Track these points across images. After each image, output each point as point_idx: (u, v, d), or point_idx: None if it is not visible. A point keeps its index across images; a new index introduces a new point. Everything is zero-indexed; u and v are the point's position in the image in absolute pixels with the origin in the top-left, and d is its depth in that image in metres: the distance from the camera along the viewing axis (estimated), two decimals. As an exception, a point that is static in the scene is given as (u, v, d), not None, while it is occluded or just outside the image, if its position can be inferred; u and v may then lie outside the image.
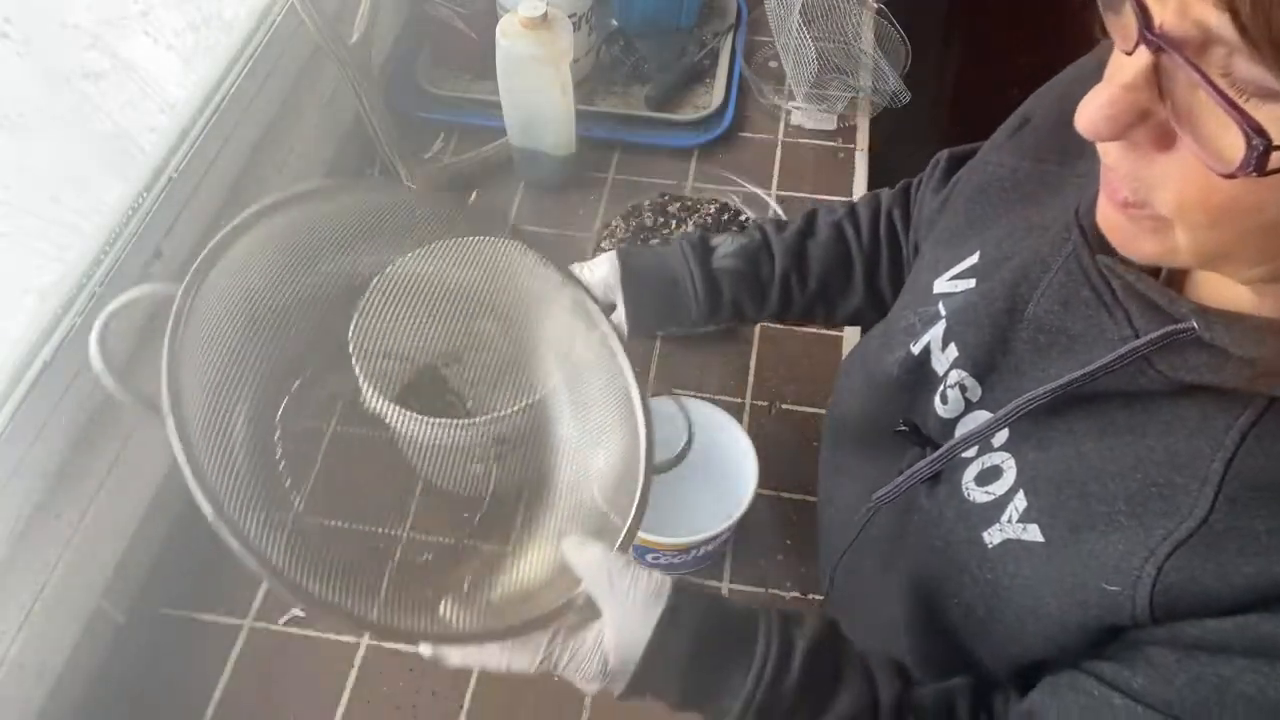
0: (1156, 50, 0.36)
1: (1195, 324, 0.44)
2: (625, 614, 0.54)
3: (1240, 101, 0.34)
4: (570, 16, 1.11)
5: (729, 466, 0.85)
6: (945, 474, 0.59)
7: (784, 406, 1.00)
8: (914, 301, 0.65)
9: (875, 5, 1.34)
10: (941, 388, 0.60)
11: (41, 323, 0.77)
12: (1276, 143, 0.34)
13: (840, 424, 0.76)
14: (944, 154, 0.77)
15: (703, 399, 0.86)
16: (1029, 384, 0.53)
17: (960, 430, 0.59)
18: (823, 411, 1.00)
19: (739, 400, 1.01)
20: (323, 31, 1.02)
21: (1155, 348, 0.46)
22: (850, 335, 1.06)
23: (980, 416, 0.58)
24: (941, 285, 0.63)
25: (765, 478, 0.92)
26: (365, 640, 0.84)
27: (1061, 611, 0.50)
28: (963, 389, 0.59)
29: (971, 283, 0.60)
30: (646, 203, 1.15)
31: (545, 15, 1.01)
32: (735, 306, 0.80)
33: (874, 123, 1.28)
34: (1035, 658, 0.53)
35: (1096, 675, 0.49)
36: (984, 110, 0.77)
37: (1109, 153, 0.42)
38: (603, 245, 1.12)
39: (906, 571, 0.63)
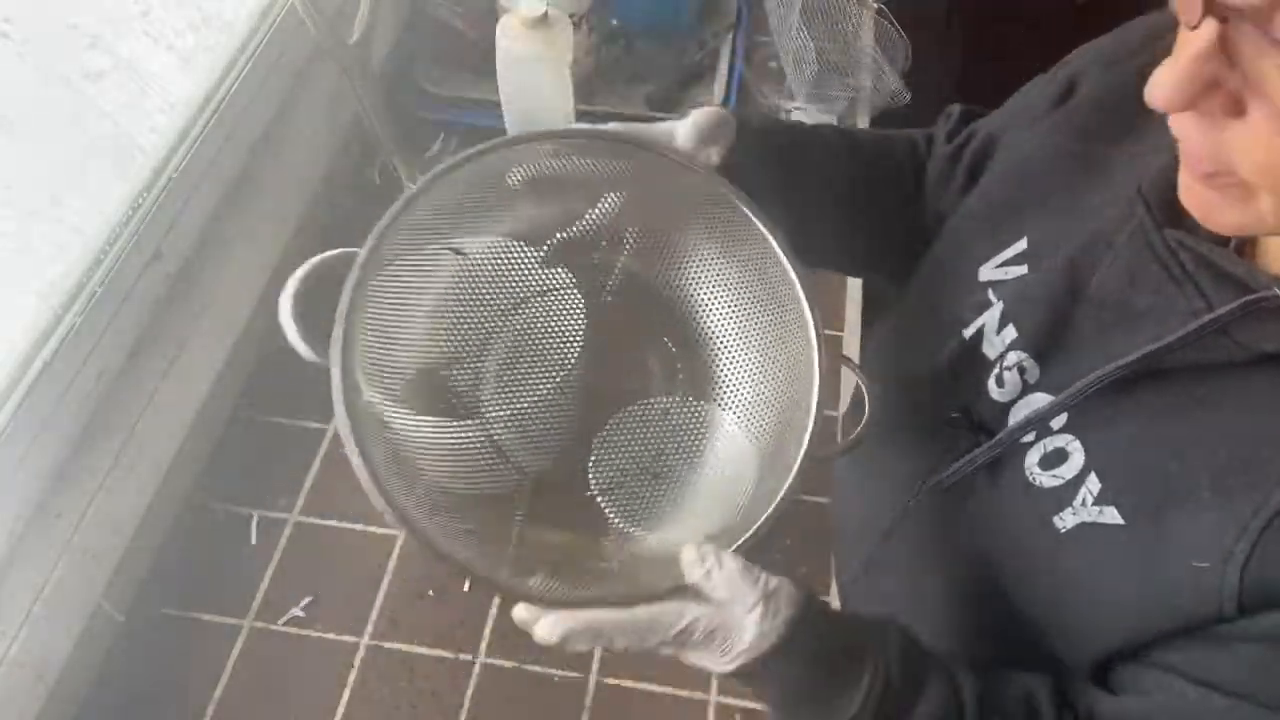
0: (1223, 20, 0.37)
1: (1277, 291, 0.44)
2: (744, 622, 0.51)
3: None
4: (570, 16, 1.11)
5: (728, 469, 0.84)
6: (1004, 460, 0.57)
7: (784, 406, 1.00)
8: (958, 291, 0.63)
9: (875, 5, 1.34)
10: (997, 370, 0.59)
11: (41, 323, 0.77)
12: None
13: (869, 421, 0.74)
14: (956, 107, 0.75)
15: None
16: (1091, 362, 0.52)
17: (1015, 413, 0.57)
18: (823, 412, 0.99)
19: (739, 400, 1.00)
20: (323, 31, 1.02)
21: (1235, 318, 0.46)
22: (851, 336, 1.06)
23: (1038, 398, 0.56)
24: (988, 273, 0.61)
25: (765, 478, 0.93)
26: (365, 640, 0.84)
27: (1142, 596, 0.48)
28: (1021, 370, 0.57)
29: (1023, 269, 0.59)
30: (646, 203, 1.15)
31: (545, 15, 1.01)
32: (779, 155, 0.68)
33: (874, 123, 1.28)
34: (1108, 649, 0.52)
35: (1184, 674, 0.47)
36: (984, 110, 0.77)
37: (1183, 124, 0.43)
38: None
39: (955, 563, 0.61)
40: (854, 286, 1.10)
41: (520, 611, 0.53)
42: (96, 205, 0.84)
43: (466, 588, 0.58)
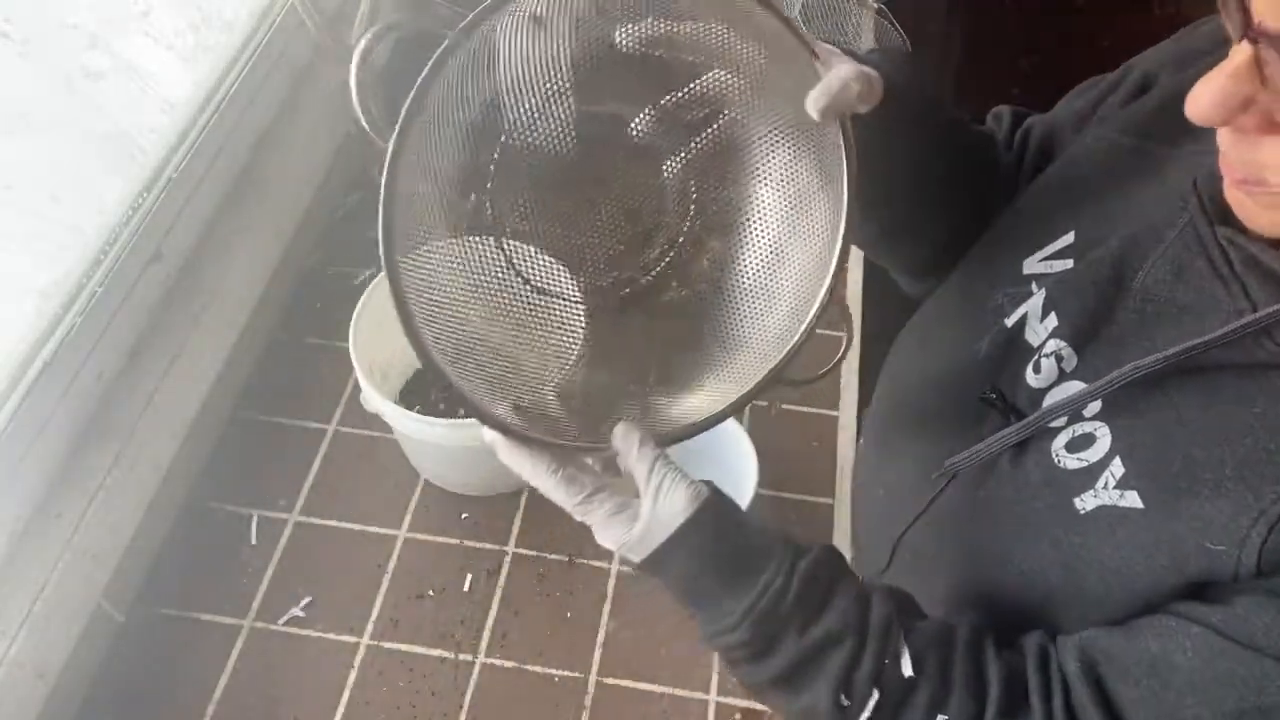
0: (1254, 41, 0.39)
1: None
2: (657, 511, 0.55)
3: None
4: (570, 16, 1.11)
5: (727, 469, 0.85)
6: (1033, 441, 0.58)
7: (784, 406, 1.00)
8: (999, 282, 0.63)
9: (875, 5, 1.34)
10: (1036, 357, 0.59)
11: (41, 323, 0.77)
12: None
13: (893, 410, 0.74)
14: (1005, 109, 0.74)
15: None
16: (1130, 354, 0.52)
17: (1050, 398, 0.58)
18: (823, 411, 1.00)
19: (739, 400, 1.01)
20: (323, 31, 1.02)
21: (1275, 320, 0.46)
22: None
23: (1073, 386, 0.57)
24: (1033, 266, 0.62)
25: (765, 478, 0.92)
26: (365, 640, 0.84)
27: (1152, 574, 0.49)
28: (1059, 358, 0.58)
29: (1069, 263, 0.59)
30: (646, 203, 1.15)
31: (545, 15, 1.00)
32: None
33: (874, 123, 1.28)
34: (1102, 619, 0.53)
35: (1175, 612, 0.49)
36: (984, 110, 0.77)
37: (1222, 137, 0.45)
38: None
39: (975, 539, 0.61)
40: (854, 285, 1.10)
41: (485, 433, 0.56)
42: (96, 205, 0.84)
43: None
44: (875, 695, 0.53)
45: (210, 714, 0.81)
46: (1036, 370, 0.59)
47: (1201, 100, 0.43)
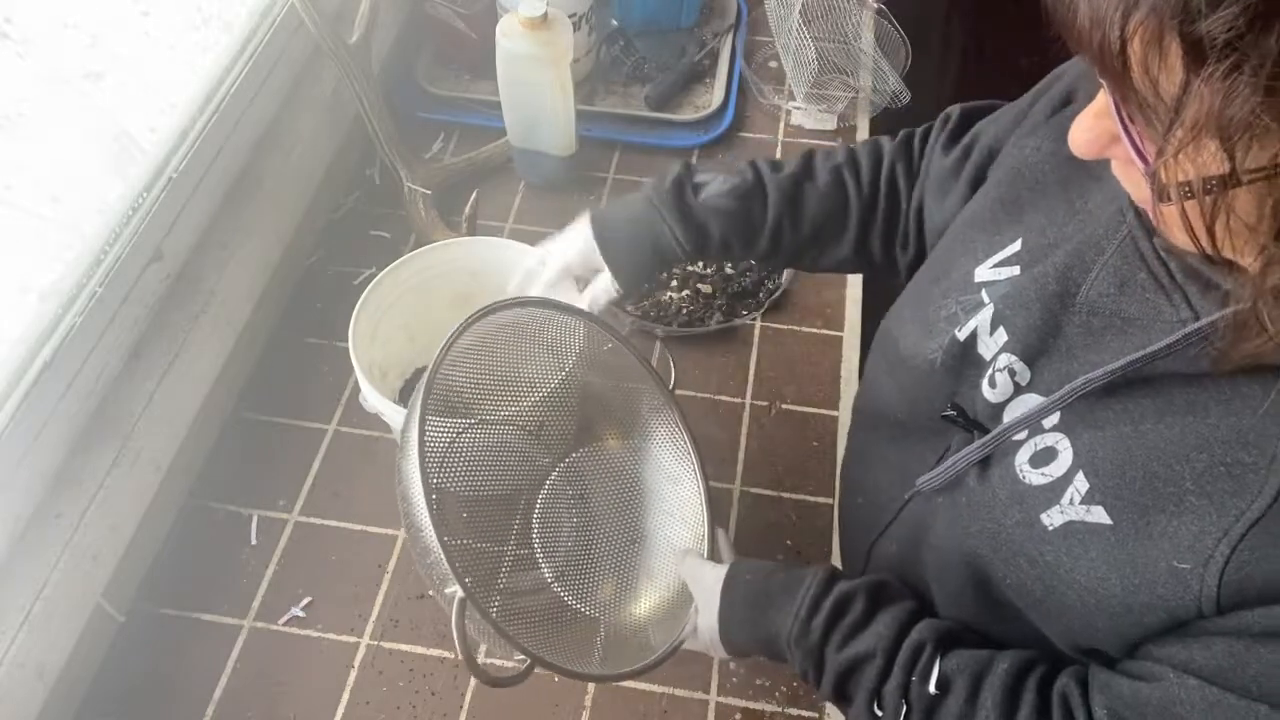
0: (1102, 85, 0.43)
1: (1260, 304, 0.44)
2: (705, 597, 0.70)
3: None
4: (570, 16, 1.11)
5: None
6: (995, 457, 0.59)
7: (784, 406, 1.00)
8: (953, 289, 0.64)
9: (875, 5, 1.34)
10: (990, 372, 0.60)
11: (41, 323, 0.77)
12: (1161, 178, 0.40)
13: (871, 414, 0.75)
14: (955, 109, 0.76)
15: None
16: (1080, 368, 0.53)
17: (1009, 414, 0.59)
18: (823, 411, 1.00)
19: (739, 400, 1.01)
20: (323, 31, 1.02)
21: (1217, 329, 0.47)
22: (852, 336, 1.06)
23: (1030, 400, 0.57)
24: (984, 273, 0.63)
25: (765, 477, 0.93)
26: (365, 640, 0.84)
27: (1125, 592, 0.50)
28: (1011, 373, 0.58)
29: (1015, 270, 0.60)
30: (646, 203, 1.15)
31: (545, 15, 1.01)
32: (724, 246, 0.79)
33: (874, 123, 1.28)
34: (1094, 639, 0.54)
35: (1167, 661, 0.50)
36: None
37: (1113, 166, 0.48)
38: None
39: (945, 552, 0.63)
40: (854, 285, 1.10)
41: None
42: (96, 205, 0.84)
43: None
44: (904, 708, 0.60)
45: (210, 714, 0.81)
46: (992, 385, 0.60)
47: (1075, 137, 0.47)
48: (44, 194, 0.84)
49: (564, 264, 0.80)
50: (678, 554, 0.77)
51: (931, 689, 0.59)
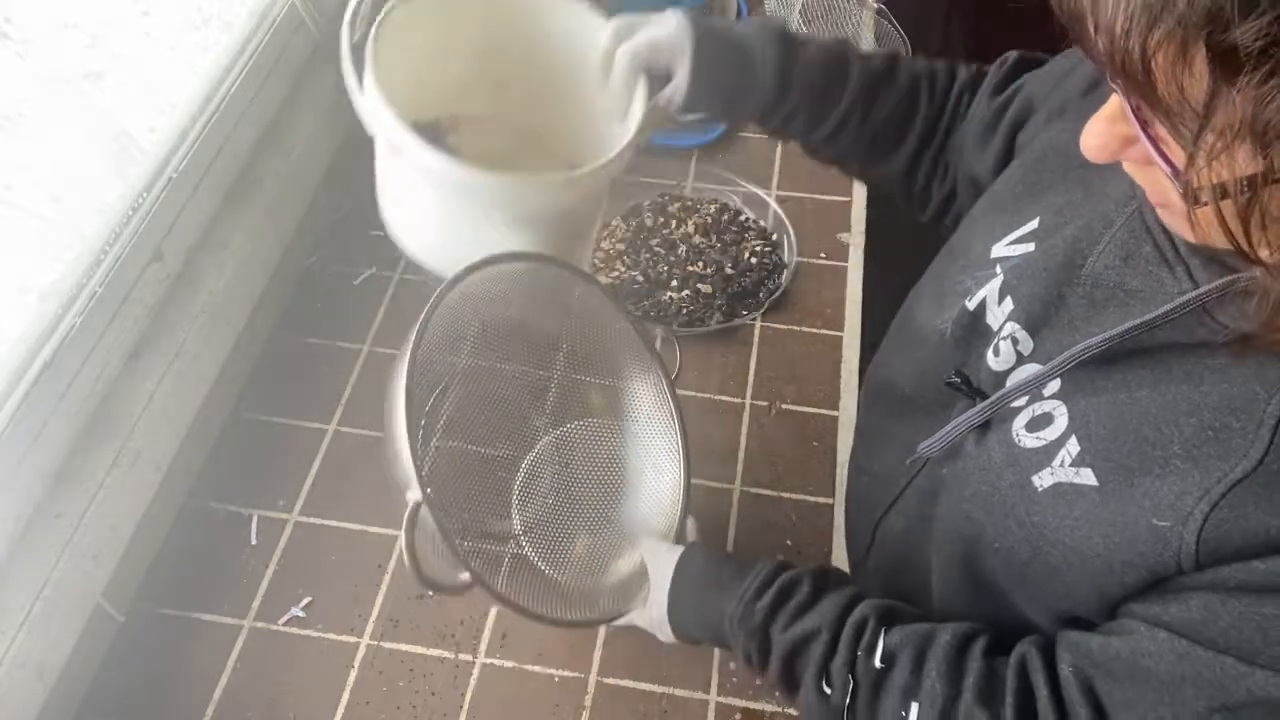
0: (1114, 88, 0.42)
1: (1257, 274, 0.45)
2: (658, 577, 0.72)
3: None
4: (570, 16, 1.10)
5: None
6: (995, 422, 0.60)
7: (784, 406, 1.00)
8: (969, 265, 0.65)
9: (875, 5, 1.34)
10: (995, 340, 0.61)
11: (41, 323, 0.77)
12: (1193, 183, 0.39)
13: (882, 390, 0.76)
14: (1011, 56, 0.75)
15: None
16: (1081, 339, 0.54)
17: (1010, 383, 0.59)
18: (823, 411, 1.00)
19: (739, 400, 1.01)
20: (323, 31, 1.02)
21: (1214, 298, 0.47)
22: (851, 336, 1.06)
23: (1030, 369, 0.58)
24: (999, 250, 0.63)
25: (765, 478, 0.93)
26: (365, 640, 0.84)
27: (1108, 550, 0.51)
28: (1014, 341, 0.59)
29: (1030, 247, 0.61)
30: (646, 203, 1.15)
31: (545, 15, 1.00)
32: (790, 117, 0.75)
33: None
34: (1077, 604, 0.55)
35: (1142, 617, 0.51)
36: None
37: (1125, 166, 0.48)
38: (602, 245, 1.12)
39: (945, 520, 0.63)
40: (854, 285, 1.10)
41: None
42: (96, 205, 0.84)
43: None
44: (851, 683, 0.61)
45: (210, 714, 0.81)
46: (996, 354, 0.61)
47: (1087, 142, 0.47)
48: (44, 194, 0.84)
49: (651, 41, 0.71)
50: (643, 534, 0.79)
51: (877, 663, 0.60)
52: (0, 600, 0.73)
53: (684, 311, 1.05)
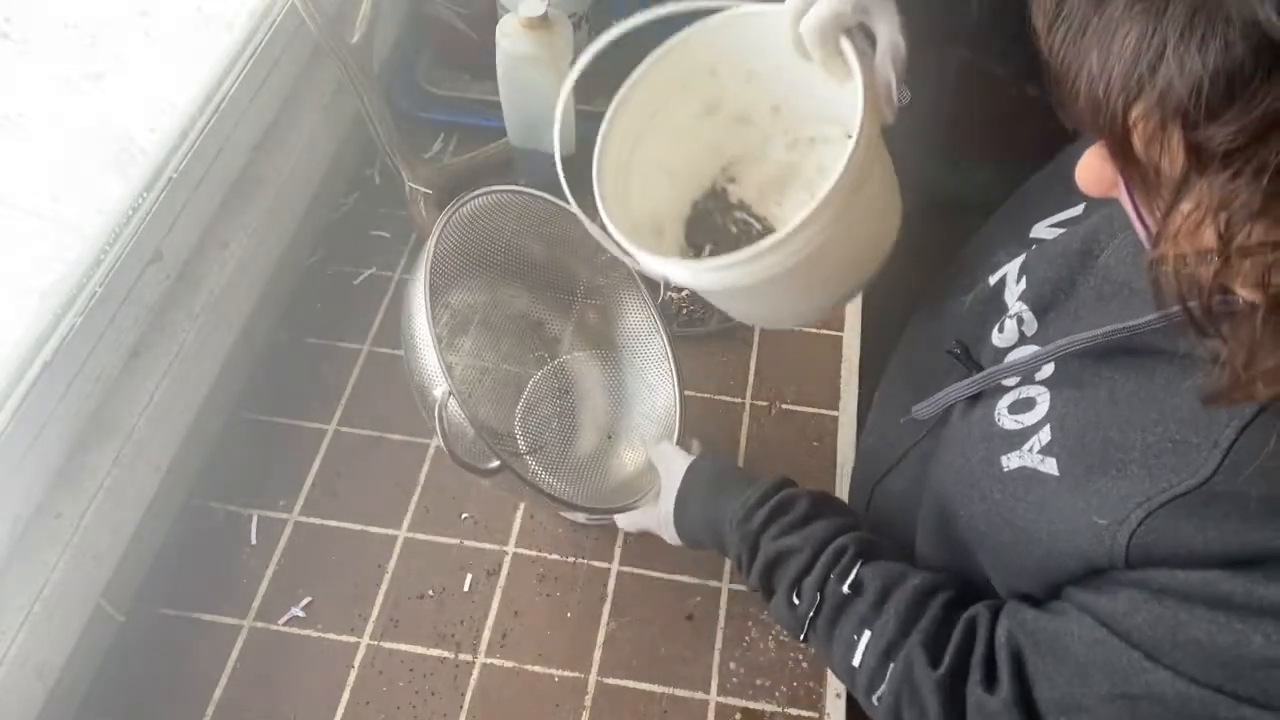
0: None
1: (1243, 296, 0.45)
2: (669, 479, 0.77)
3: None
4: (570, 16, 1.11)
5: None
6: (984, 397, 0.61)
7: (784, 406, 1.00)
8: (1007, 239, 0.66)
9: None
10: (1003, 318, 0.62)
11: (41, 323, 0.77)
12: (1161, 248, 0.40)
13: (902, 354, 0.77)
14: None
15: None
16: (1082, 329, 0.55)
17: (1010, 360, 0.61)
18: (823, 411, 1.00)
19: (739, 400, 1.01)
20: (323, 31, 1.02)
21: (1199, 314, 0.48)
22: (851, 336, 1.06)
23: (1029, 350, 0.59)
24: (1039, 230, 0.64)
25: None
26: (365, 640, 0.84)
27: (1052, 538, 0.53)
28: (1020, 321, 0.60)
29: (1063, 231, 0.62)
30: (646, 203, 1.15)
31: (545, 15, 1.01)
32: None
33: (874, 123, 1.28)
34: (1023, 580, 0.58)
35: (1075, 601, 0.54)
36: (986, 110, 0.77)
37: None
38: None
39: (932, 488, 0.66)
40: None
41: None
42: (96, 205, 0.84)
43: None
44: (818, 600, 0.65)
45: (210, 714, 0.81)
46: (1001, 330, 0.62)
47: (1081, 175, 0.47)
48: (44, 194, 0.84)
49: (831, 4, 0.59)
50: (650, 441, 0.86)
51: (845, 589, 0.64)
52: (0, 600, 0.73)
53: (684, 311, 1.05)
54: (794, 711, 0.81)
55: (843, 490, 0.94)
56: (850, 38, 0.59)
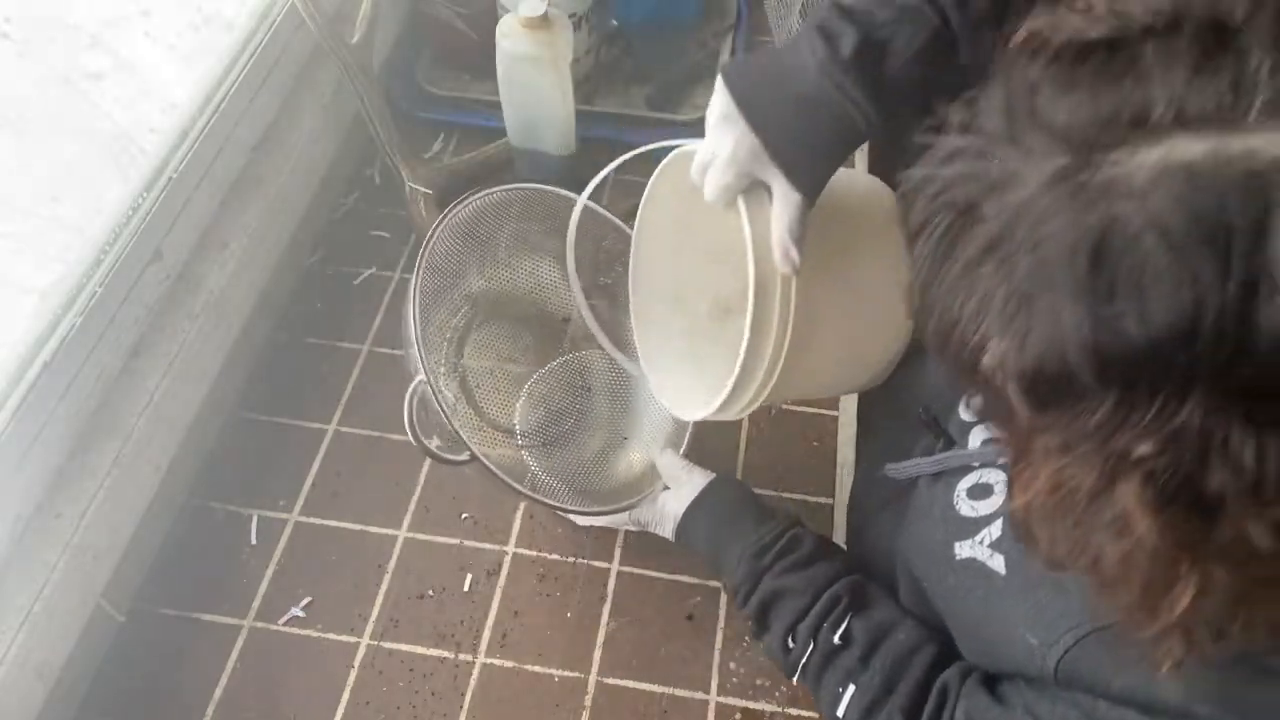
0: None
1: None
2: (683, 487, 0.80)
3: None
4: (570, 16, 1.11)
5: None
6: (948, 473, 0.62)
7: (784, 406, 1.00)
8: None
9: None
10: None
11: (41, 323, 0.77)
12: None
13: (893, 388, 0.78)
14: None
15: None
16: None
17: (973, 438, 0.62)
18: (823, 411, 1.00)
19: (739, 400, 1.01)
20: (323, 31, 1.02)
21: None
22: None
23: (987, 434, 0.61)
24: None
25: (765, 478, 0.93)
26: (365, 640, 0.84)
27: (991, 638, 0.56)
28: None
29: None
30: (646, 203, 1.15)
31: (545, 15, 1.01)
32: (908, 124, 0.60)
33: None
34: (983, 661, 0.60)
35: (1023, 699, 0.55)
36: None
37: None
38: (603, 245, 1.11)
39: (899, 550, 0.68)
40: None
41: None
42: (96, 205, 0.84)
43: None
44: (811, 646, 0.66)
45: (210, 714, 0.81)
46: (967, 404, 0.62)
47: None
48: (44, 194, 0.84)
49: (737, 170, 0.59)
50: (654, 448, 0.88)
51: (836, 640, 0.66)
52: (0, 600, 0.73)
53: (684, 311, 1.05)
54: (794, 711, 0.81)
55: (843, 490, 0.94)
56: (751, 198, 0.61)
